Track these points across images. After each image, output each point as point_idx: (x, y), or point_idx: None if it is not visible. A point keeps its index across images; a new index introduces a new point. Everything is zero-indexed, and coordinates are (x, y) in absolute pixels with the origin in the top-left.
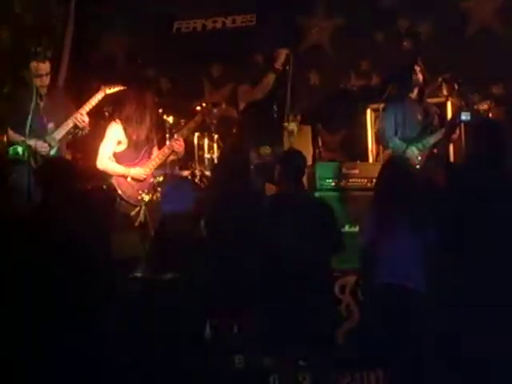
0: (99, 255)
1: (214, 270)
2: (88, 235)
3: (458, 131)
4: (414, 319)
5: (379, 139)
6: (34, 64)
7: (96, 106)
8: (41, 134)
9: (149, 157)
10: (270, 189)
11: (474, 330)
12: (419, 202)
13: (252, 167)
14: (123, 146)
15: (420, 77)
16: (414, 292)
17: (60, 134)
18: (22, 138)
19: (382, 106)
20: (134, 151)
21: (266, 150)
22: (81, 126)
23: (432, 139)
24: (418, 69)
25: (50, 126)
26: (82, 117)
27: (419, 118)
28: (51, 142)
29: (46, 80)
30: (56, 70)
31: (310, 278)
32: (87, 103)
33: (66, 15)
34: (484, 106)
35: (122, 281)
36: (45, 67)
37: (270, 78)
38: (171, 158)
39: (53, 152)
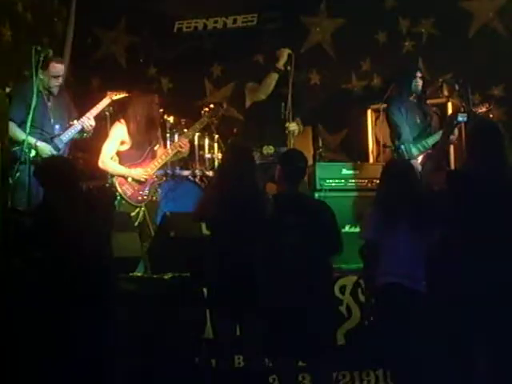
0: (101, 255)
1: (214, 271)
2: (89, 234)
3: (456, 132)
4: (415, 319)
5: (391, 138)
6: (52, 64)
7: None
8: (47, 134)
9: (152, 157)
10: (272, 188)
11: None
12: (421, 202)
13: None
14: (127, 146)
15: (420, 84)
16: (414, 292)
17: (67, 136)
18: (24, 136)
19: (382, 106)
20: (138, 151)
21: (268, 149)
22: (87, 130)
23: (431, 140)
24: (418, 75)
25: (57, 126)
26: (89, 121)
27: (418, 120)
28: (59, 145)
29: (62, 80)
30: None
31: (310, 278)
32: (95, 108)
33: (67, 15)
34: (482, 109)
35: (122, 280)
36: (61, 68)
37: (273, 77)
38: (176, 158)
39: (60, 154)
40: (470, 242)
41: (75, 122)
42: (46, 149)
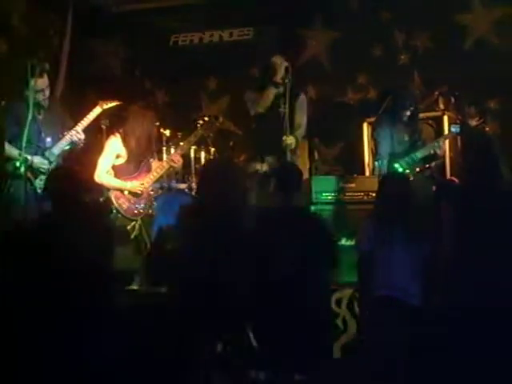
0: (103, 268)
1: (196, 284)
2: (92, 248)
3: (445, 147)
4: (410, 332)
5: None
6: (32, 81)
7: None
8: (39, 148)
9: (148, 170)
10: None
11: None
12: (415, 216)
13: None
14: (122, 160)
15: (407, 116)
16: (407, 305)
17: (58, 149)
18: (18, 152)
19: (373, 119)
20: (133, 164)
21: (270, 160)
22: (76, 142)
23: (420, 154)
24: (407, 113)
25: (48, 140)
26: (78, 134)
27: (405, 137)
28: (50, 158)
29: (47, 92)
30: (53, 83)
31: (306, 291)
32: (84, 119)
33: (63, 27)
34: (474, 123)
35: (118, 293)
36: (43, 81)
37: (270, 92)
38: (171, 171)
39: (52, 167)
40: (464, 254)
41: (65, 134)
42: (38, 162)
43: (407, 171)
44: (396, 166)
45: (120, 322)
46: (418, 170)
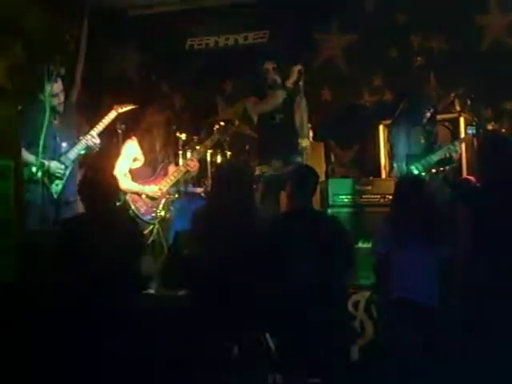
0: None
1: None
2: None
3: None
4: (427, 334)
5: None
6: (47, 87)
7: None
8: (54, 153)
9: (165, 174)
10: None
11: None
12: (432, 218)
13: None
14: (139, 163)
15: (427, 119)
16: (424, 307)
17: (74, 153)
18: (35, 157)
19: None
20: (150, 168)
21: (276, 163)
22: (92, 147)
23: (436, 156)
24: (427, 115)
25: (64, 144)
26: (93, 139)
27: (422, 140)
28: (66, 162)
29: (62, 97)
30: (69, 87)
31: (324, 294)
32: (100, 123)
33: (78, 32)
34: (489, 127)
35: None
36: (58, 86)
37: (279, 94)
38: (188, 176)
39: (68, 172)
40: (482, 254)
41: (81, 139)
42: (54, 167)
43: (423, 174)
44: (412, 168)
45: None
46: (433, 171)
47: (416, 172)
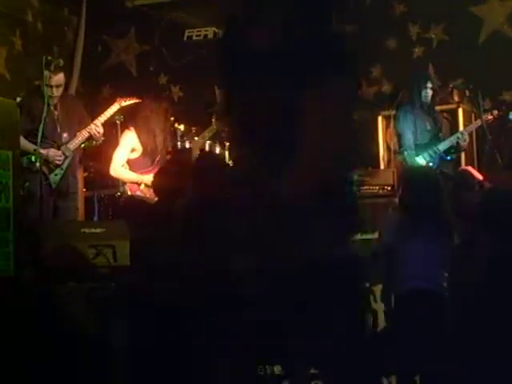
0: None
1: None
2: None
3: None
4: (439, 322)
5: (397, 145)
6: (46, 73)
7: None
8: (54, 143)
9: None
10: None
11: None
12: (441, 207)
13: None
14: (137, 154)
15: (429, 94)
16: (437, 295)
17: (75, 144)
18: (35, 147)
19: (392, 113)
20: (148, 159)
21: None
22: (96, 137)
23: (442, 146)
24: (428, 86)
25: (65, 135)
26: (97, 128)
27: (428, 127)
28: (66, 152)
29: (57, 91)
30: (68, 79)
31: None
32: (102, 115)
33: (77, 24)
34: (489, 117)
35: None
36: (57, 79)
37: None
38: None
39: (67, 162)
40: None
41: (83, 129)
42: (53, 155)
43: (430, 164)
44: (419, 158)
45: None
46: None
47: (424, 161)
